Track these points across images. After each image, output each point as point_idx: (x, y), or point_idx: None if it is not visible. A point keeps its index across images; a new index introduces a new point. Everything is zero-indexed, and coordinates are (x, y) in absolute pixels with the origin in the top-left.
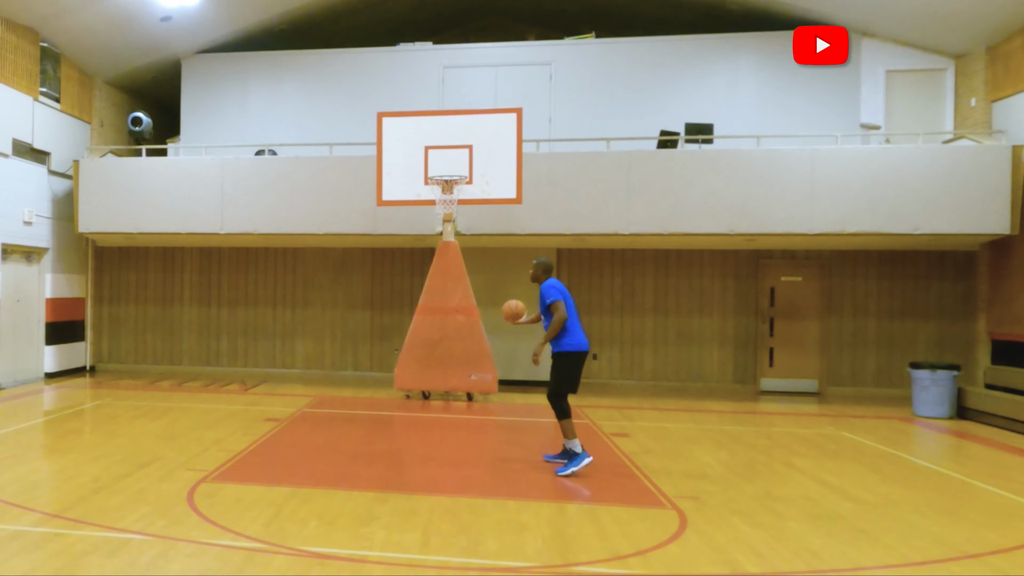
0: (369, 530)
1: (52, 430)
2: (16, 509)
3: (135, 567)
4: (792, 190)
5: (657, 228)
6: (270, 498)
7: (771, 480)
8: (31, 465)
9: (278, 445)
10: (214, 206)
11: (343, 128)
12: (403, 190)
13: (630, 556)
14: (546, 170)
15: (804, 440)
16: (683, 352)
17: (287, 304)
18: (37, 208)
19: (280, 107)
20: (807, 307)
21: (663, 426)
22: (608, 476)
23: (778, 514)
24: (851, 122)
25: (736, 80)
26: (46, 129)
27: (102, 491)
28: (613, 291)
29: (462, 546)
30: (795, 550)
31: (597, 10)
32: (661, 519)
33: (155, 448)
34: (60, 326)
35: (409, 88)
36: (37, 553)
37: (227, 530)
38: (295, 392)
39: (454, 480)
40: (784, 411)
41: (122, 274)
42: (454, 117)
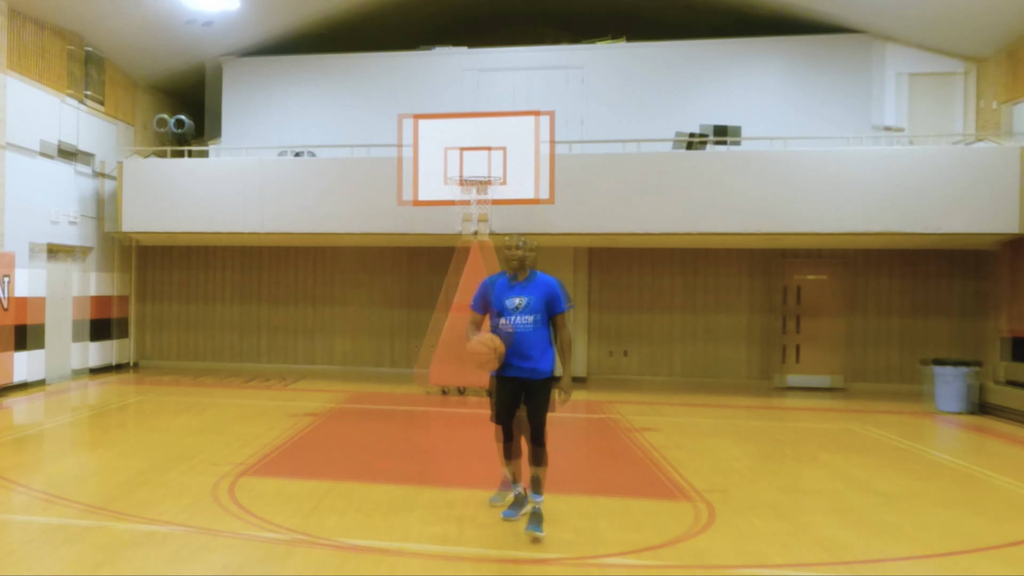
0: (405, 522)
1: (95, 425)
2: (60, 502)
3: (178, 559)
4: (814, 191)
5: (684, 227)
6: (308, 491)
7: (796, 474)
8: (75, 459)
9: (316, 439)
10: (254, 206)
11: (379, 130)
12: (437, 190)
13: (660, 547)
14: (578, 171)
15: (828, 435)
16: (710, 349)
17: (325, 302)
18: (81, 208)
19: (318, 109)
20: (831, 305)
21: (691, 421)
22: (638, 469)
23: (803, 507)
24: (871, 124)
25: (761, 83)
26: (91, 132)
27: (145, 484)
28: (642, 289)
29: (496, 538)
30: (820, 541)
31: (626, 15)
32: (690, 511)
33: (197, 442)
34: (103, 323)
35: (442, 91)
36: (80, 545)
37: (267, 522)
38: (333, 388)
39: (486, 474)
40: (809, 406)
41: (164, 272)
42: (487, 119)
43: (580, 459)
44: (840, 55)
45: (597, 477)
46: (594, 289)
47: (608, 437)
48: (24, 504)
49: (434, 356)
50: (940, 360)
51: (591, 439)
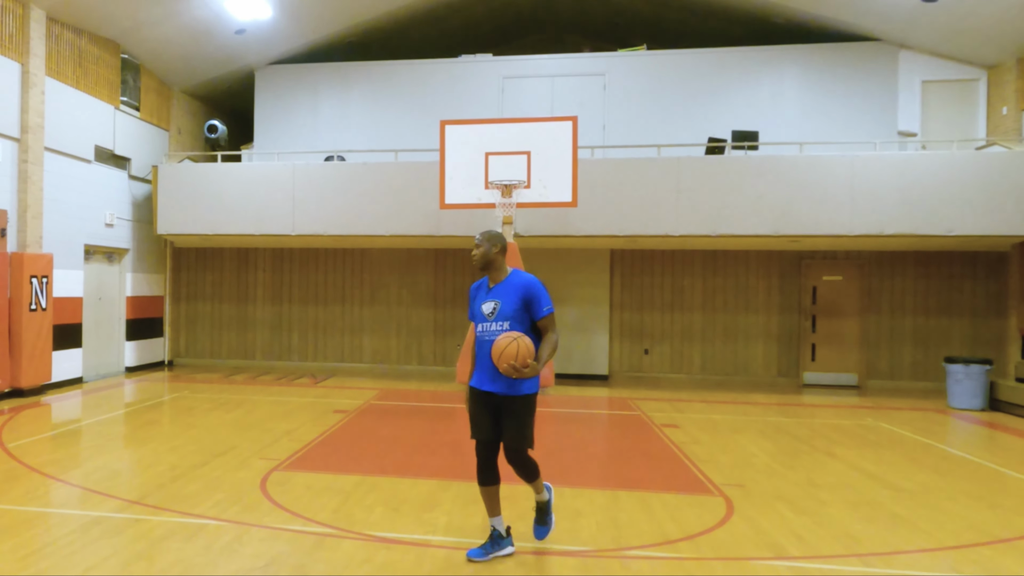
0: (432, 516)
1: (132, 421)
2: (99, 496)
3: (211, 551)
4: (833, 194)
5: (705, 230)
6: (339, 485)
7: (813, 468)
8: (113, 454)
9: (346, 435)
10: (286, 209)
11: (408, 135)
12: (465, 194)
13: (680, 540)
14: (600, 175)
15: (844, 431)
16: (730, 347)
17: (355, 301)
18: (118, 211)
19: (348, 115)
20: (848, 305)
21: (711, 417)
22: (659, 464)
23: (820, 501)
24: (889, 130)
25: (780, 90)
26: (126, 136)
27: (180, 479)
28: (664, 289)
29: (520, 530)
30: (836, 535)
31: (648, 24)
32: (709, 505)
33: (230, 438)
34: (140, 323)
35: (470, 97)
36: (118, 538)
37: (298, 516)
38: (362, 385)
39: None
40: (825, 403)
41: (198, 273)
42: (513, 125)
43: (602, 455)
44: (858, 62)
45: (619, 472)
46: (616, 289)
47: (630, 433)
48: (63, 498)
49: (460, 355)
50: (953, 358)
51: (613, 435)
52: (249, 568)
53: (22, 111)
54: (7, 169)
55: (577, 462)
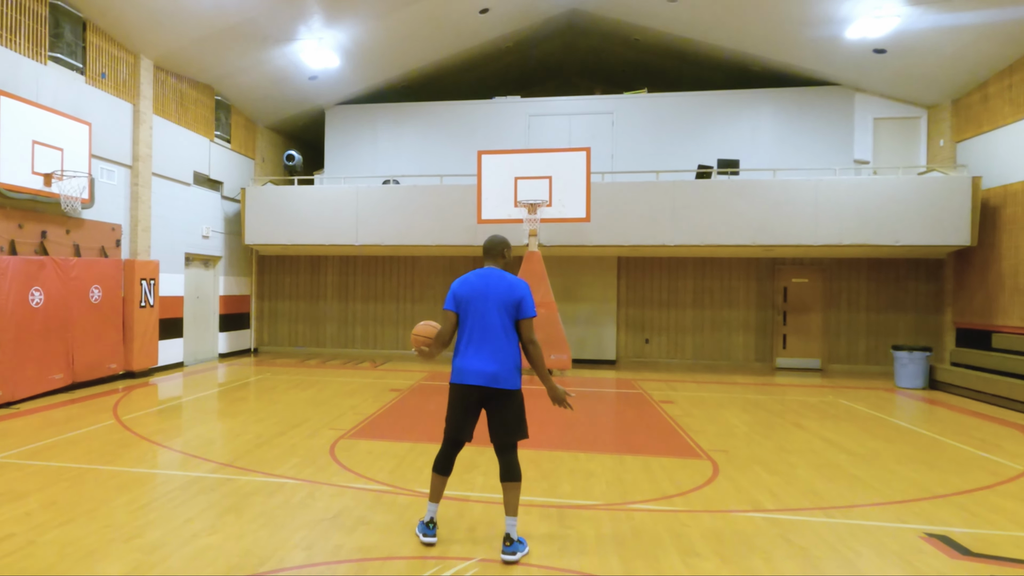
0: (471, 476)
1: (224, 398)
2: (196, 459)
3: (289, 505)
4: (801, 211)
5: (696, 241)
6: (394, 451)
7: (784, 437)
8: (208, 425)
9: (400, 410)
10: (351, 224)
11: (451, 163)
12: (498, 211)
13: (674, 496)
14: (609, 196)
15: (810, 406)
16: (716, 337)
17: (407, 299)
18: (212, 225)
19: (402, 146)
20: (812, 302)
21: (700, 395)
22: (657, 434)
23: (789, 464)
24: (846, 158)
25: (757, 125)
26: (220, 163)
27: (263, 445)
28: (661, 290)
29: (543, 488)
30: (803, 491)
31: (649, 70)
32: (699, 467)
33: (304, 412)
34: (230, 317)
35: (502, 132)
36: (213, 494)
37: (361, 476)
38: (413, 369)
39: (537, 437)
40: (795, 383)
41: (279, 276)
42: (537, 154)
43: (611, 426)
44: (821, 103)
45: (624, 440)
46: (622, 289)
47: (634, 408)
48: (167, 461)
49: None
50: (900, 346)
51: (620, 409)
52: (320, 518)
53: (134, 143)
54: (122, 190)
55: (590, 432)
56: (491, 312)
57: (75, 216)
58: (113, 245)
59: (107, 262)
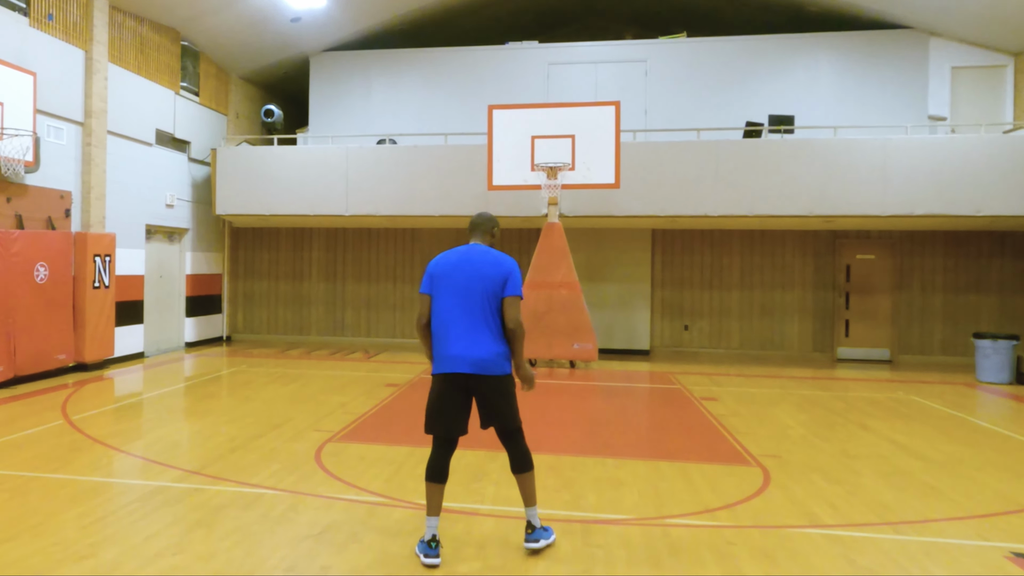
0: (480, 485)
1: (191, 394)
2: (159, 466)
3: (268, 519)
4: (866, 176)
5: (743, 210)
6: (390, 456)
7: (846, 440)
8: (173, 426)
9: (397, 408)
10: (339, 191)
11: (457, 119)
12: (512, 176)
13: (718, 509)
14: (642, 158)
15: (877, 403)
16: (767, 323)
17: (406, 279)
18: (178, 192)
19: (400, 100)
20: (880, 282)
21: (748, 391)
22: (698, 436)
23: (853, 471)
24: (919, 114)
25: (815, 76)
26: (186, 120)
27: (237, 450)
28: (703, 267)
29: (565, 500)
30: (868, 504)
31: (688, 12)
32: (746, 475)
33: (285, 411)
34: (199, 300)
35: (517, 83)
36: (179, 506)
37: (351, 485)
38: (413, 360)
39: (558, 440)
40: (859, 377)
41: (255, 252)
42: (558, 110)
43: (644, 426)
44: (890, 50)
45: (660, 443)
46: (657, 268)
47: (670, 406)
48: (125, 469)
49: None
50: (982, 334)
51: (654, 408)
52: (304, 536)
53: (86, 96)
54: (72, 152)
55: (620, 433)
56: (473, 291)
57: (17, 182)
58: (62, 216)
59: (55, 235)
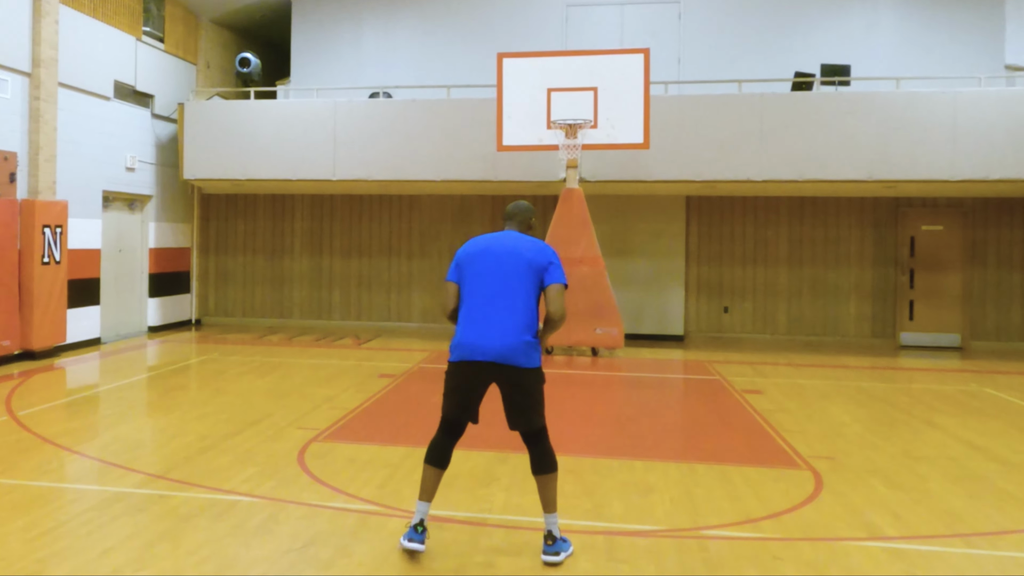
0: (488, 491)
1: (156, 387)
2: (118, 470)
3: (243, 530)
4: (933, 135)
5: (791, 175)
6: (385, 458)
7: (910, 439)
8: (134, 424)
9: (393, 402)
10: (326, 151)
11: (461, 70)
12: (524, 134)
13: (762, 519)
14: (675, 114)
15: (945, 397)
16: (819, 305)
17: (403, 254)
18: (140, 153)
19: (395, 48)
20: (949, 258)
21: (797, 382)
22: (740, 434)
23: (918, 475)
24: (995, 63)
25: (875, 19)
26: (149, 71)
27: (208, 451)
28: (745, 240)
29: (586, 508)
30: (935, 512)
31: None
32: (795, 480)
33: (264, 406)
34: (164, 277)
35: (531, 28)
36: (140, 516)
37: (340, 492)
38: (411, 347)
39: (578, 439)
40: (924, 367)
41: (229, 223)
42: (578, 58)
43: (677, 423)
44: None
45: (695, 443)
46: (692, 241)
47: (707, 400)
48: (79, 472)
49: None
50: None
51: (688, 402)
52: (285, 549)
53: (33, 43)
54: (17, 107)
55: (649, 432)
56: (506, 273)
57: None
58: (5, 181)
59: None
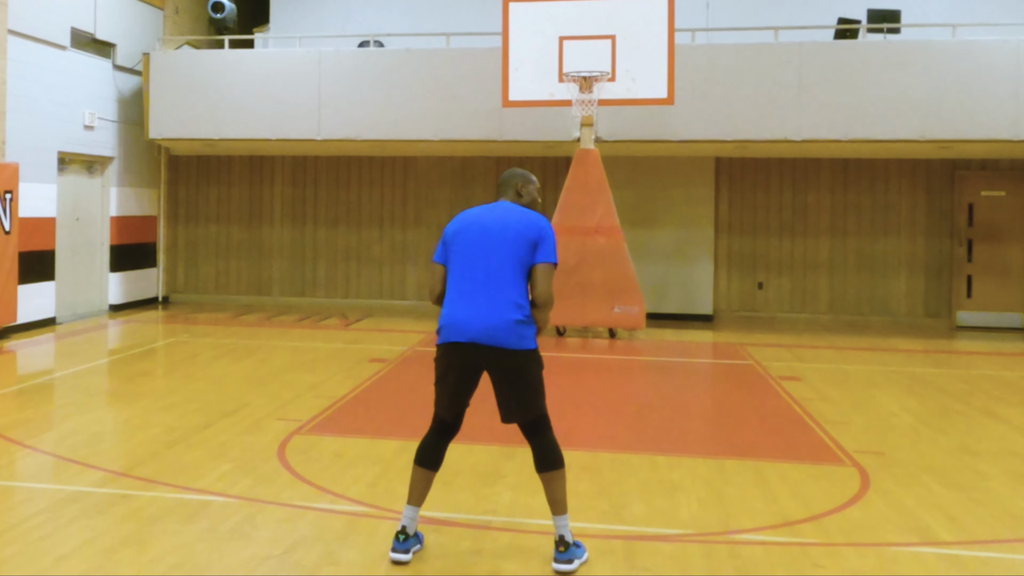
0: (493, 491)
1: (117, 373)
2: (76, 466)
3: (216, 534)
4: (995, 89)
5: (834, 134)
6: (376, 453)
7: (969, 432)
8: (93, 414)
9: (385, 390)
10: (310, 108)
11: (462, 16)
12: (533, 88)
13: (802, 522)
14: (703, 65)
15: (1009, 384)
16: (865, 280)
17: (396, 223)
18: (100, 110)
19: None
20: (1012, 227)
21: (841, 368)
22: (776, 427)
23: (977, 472)
24: None
25: None
26: (111, 16)
27: (177, 444)
28: (782, 208)
29: (603, 510)
30: (997, 515)
31: None
32: (838, 478)
33: (240, 394)
34: (128, 249)
35: None
36: (101, 518)
37: (325, 491)
38: (405, 328)
39: (594, 432)
40: (985, 350)
41: (201, 188)
42: (594, 2)
43: (706, 414)
44: None
45: (726, 436)
46: (723, 208)
47: (739, 387)
48: (32, 469)
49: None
50: None
51: (718, 390)
52: (264, 556)
53: None
54: None
55: (675, 424)
56: (493, 248)
57: None
58: None
59: None
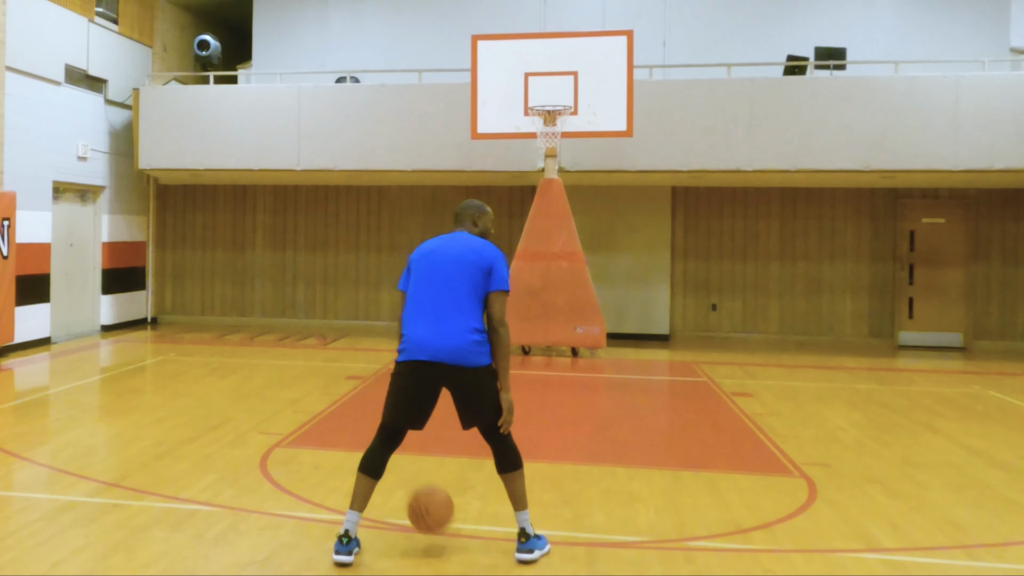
0: (463, 500)
1: (109, 389)
2: (69, 477)
3: (202, 541)
4: (934, 122)
5: (783, 164)
6: (352, 465)
7: (910, 445)
8: (86, 428)
9: (361, 405)
10: (290, 139)
11: (434, 53)
12: (500, 122)
13: (753, 529)
14: (660, 99)
15: (947, 400)
16: (812, 302)
17: (371, 249)
18: (92, 142)
19: (363, 29)
20: (951, 252)
21: (790, 385)
22: (729, 440)
23: (918, 482)
24: (1000, 46)
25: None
26: (103, 54)
27: (165, 457)
28: (734, 234)
29: (566, 518)
30: (936, 522)
31: None
32: (788, 488)
33: (224, 409)
34: (118, 273)
35: (507, 8)
36: (92, 526)
37: (304, 500)
38: (380, 347)
39: (557, 445)
40: (925, 368)
41: (187, 216)
42: (557, 40)
43: (662, 428)
44: None
45: (681, 449)
46: (678, 234)
47: (693, 403)
48: (27, 480)
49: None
50: None
51: (674, 405)
52: (247, 562)
53: None
54: None
55: (633, 437)
56: (449, 275)
57: None
58: None
59: None
